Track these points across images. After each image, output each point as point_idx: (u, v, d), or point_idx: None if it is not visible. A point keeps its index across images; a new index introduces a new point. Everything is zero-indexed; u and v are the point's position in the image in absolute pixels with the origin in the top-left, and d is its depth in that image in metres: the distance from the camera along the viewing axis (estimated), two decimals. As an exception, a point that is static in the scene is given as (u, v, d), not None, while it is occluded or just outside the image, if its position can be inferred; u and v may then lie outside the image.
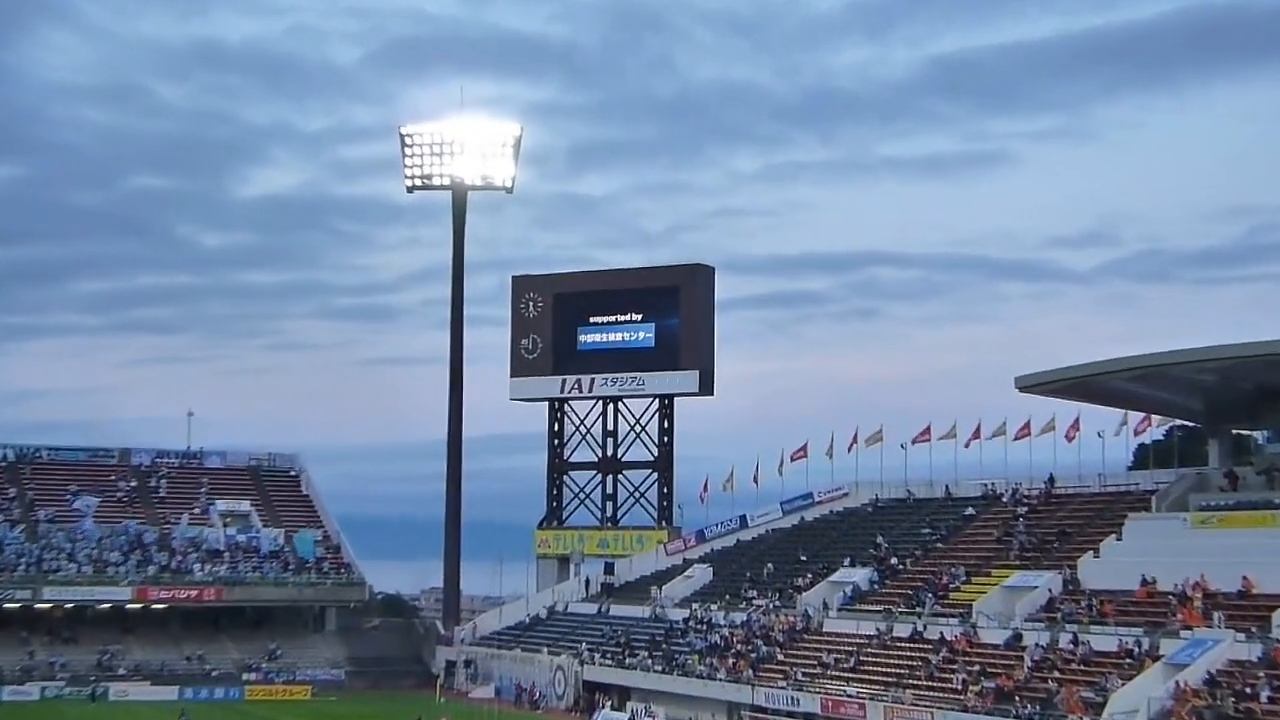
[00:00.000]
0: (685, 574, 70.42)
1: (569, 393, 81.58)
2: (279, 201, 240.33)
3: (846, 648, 53.23)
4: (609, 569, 74.85)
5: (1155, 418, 58.23)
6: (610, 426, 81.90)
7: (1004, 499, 62.58)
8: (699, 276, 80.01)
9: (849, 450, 68.94)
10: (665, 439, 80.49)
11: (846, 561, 62.27)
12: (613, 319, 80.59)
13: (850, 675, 50.49)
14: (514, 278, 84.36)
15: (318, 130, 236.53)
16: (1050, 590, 50.56)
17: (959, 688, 45.79)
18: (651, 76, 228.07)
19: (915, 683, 47.70)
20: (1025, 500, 61.22)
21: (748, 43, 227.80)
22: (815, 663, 52.77)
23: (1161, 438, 61.78)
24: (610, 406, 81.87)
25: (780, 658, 54.95)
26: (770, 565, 66.64)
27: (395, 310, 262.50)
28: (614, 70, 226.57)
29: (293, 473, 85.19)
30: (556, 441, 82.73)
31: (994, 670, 46.07)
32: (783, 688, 51.53)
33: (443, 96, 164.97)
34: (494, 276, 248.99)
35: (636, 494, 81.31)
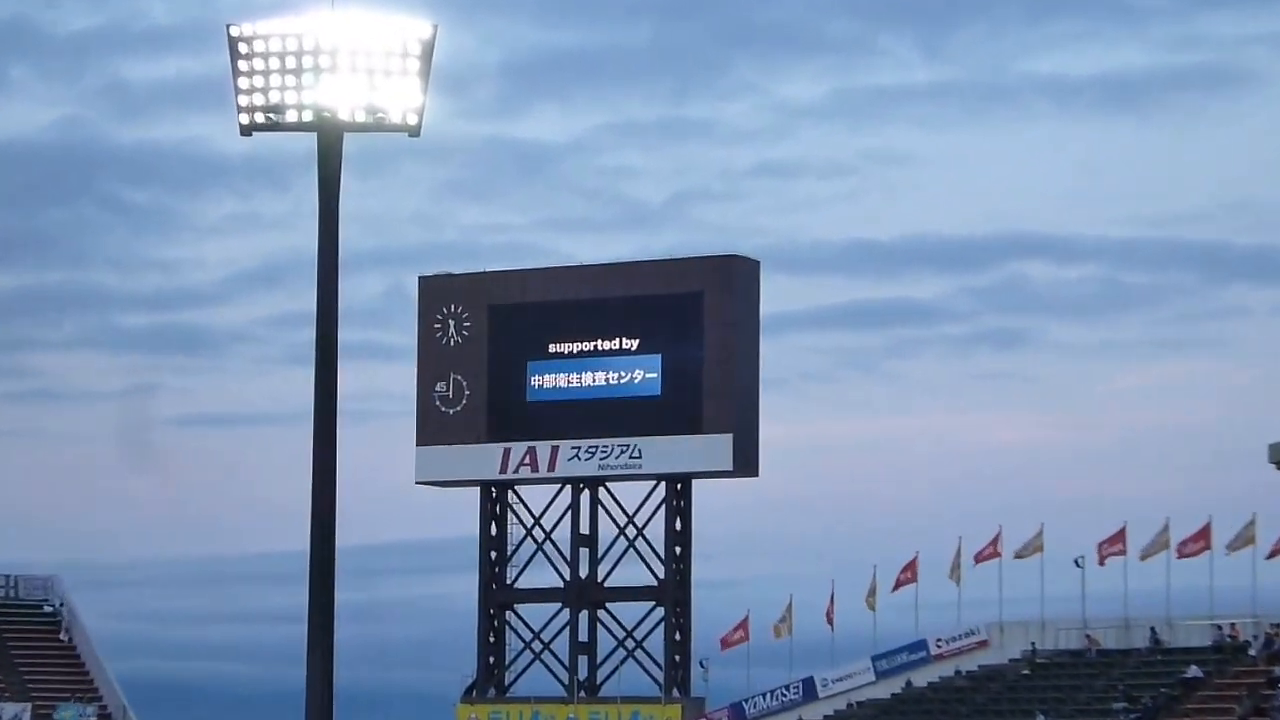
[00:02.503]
0: (713, 778, 70.57)
1: (515, 472, 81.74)
2: (19, 153, 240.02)
3: None
4: (584, 770, 75.02)
5: None
6: (586, 528, 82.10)
7: (1250, 651, 63.11)
8: (734, 278, 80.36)
9: (984, 566, 69.38)
10: (678, 549, 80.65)
11: (986, 757, 62.68)
12: (589, 348, 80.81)
13: None
14: (422, 279, 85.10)
15: (82, 33, 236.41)
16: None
17: None
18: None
19: None
20: (1286, 653, 61.68)
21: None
22: None
23: None
24: (586, 495, 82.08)
25: None
26: (857, 764, 67.18)
27: (220, 335, 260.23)
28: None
29: (48, 608, 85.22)
30: (494, 554, 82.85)
31: None
32: None
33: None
34: (387, 277, 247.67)
35: (630, 641, 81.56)
